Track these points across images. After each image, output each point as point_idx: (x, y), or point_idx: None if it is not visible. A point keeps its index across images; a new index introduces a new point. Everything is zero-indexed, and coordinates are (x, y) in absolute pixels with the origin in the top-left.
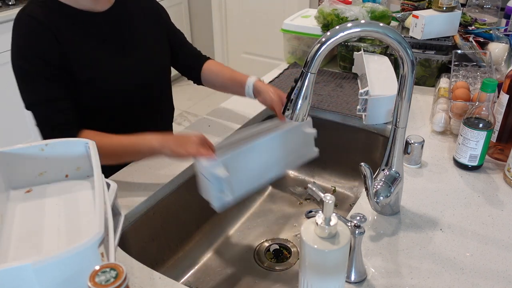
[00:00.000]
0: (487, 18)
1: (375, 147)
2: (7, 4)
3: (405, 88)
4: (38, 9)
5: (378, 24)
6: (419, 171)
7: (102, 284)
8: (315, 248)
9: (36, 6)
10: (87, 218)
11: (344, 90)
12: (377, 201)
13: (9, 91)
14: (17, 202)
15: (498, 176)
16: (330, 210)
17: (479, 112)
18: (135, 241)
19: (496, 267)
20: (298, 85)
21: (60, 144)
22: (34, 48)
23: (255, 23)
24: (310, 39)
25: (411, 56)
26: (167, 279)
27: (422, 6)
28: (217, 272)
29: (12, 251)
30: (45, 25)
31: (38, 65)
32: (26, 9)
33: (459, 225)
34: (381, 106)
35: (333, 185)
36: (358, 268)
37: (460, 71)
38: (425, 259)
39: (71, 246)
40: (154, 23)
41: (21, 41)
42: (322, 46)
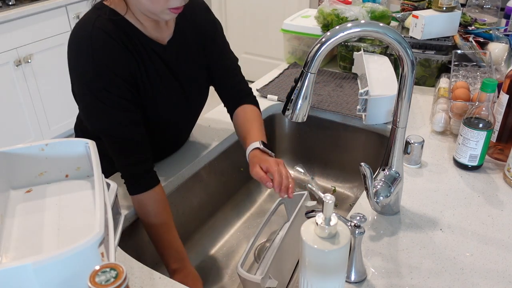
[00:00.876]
0: (487, 18)
1: (375, 147)
2: (7, 4)
3: (405, 88)
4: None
5: (378, 24)
6: (419, 171)
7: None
8: (315, 248)
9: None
10: (87, 218)
11: (344, 90)
12: (377, 201)
13: (9, 91)
14: (17, 202)
15: (498, 176)
16: (330, 210)
17: (479, 112)
18: (135, 241)
19: (496, 267)
20: (298, 85)
21: (60, 144)
22: (116, 66)
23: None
24: (310, 39)
25: (411, 56)
26: (167, 279)
27: (422, 6)
28: (217, 272)
29: (12, 251)
30: (121, 43)
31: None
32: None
33: (459, 225)
34: (381, 106)
35: (333, 185)
36: (358, 268)
37: (460, 71)
38: (425, 259)
39: (71, 246)
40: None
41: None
42: (322, 46)
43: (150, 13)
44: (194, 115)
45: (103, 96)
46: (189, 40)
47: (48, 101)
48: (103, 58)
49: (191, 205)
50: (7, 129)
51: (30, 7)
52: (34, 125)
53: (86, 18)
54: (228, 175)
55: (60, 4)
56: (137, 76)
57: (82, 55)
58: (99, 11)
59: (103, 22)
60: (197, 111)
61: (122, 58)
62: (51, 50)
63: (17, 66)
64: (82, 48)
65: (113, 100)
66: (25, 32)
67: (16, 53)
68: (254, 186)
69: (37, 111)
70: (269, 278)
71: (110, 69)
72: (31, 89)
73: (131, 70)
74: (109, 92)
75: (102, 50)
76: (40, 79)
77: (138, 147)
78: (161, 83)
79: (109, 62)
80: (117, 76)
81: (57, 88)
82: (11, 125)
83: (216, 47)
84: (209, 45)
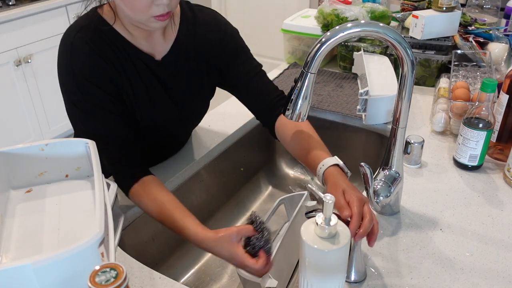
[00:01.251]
0: (487, 18)
1: (375, 147)
2: (7, 4)
3: (405, 88)
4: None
5: (378, 24)
6: (419, 171)
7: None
8: (315, 248)
9: (92, 31)
10: (87, 218)
11: (344, 90)
12: (377, 201)
13: (9, 91)
14: (17, 202)
15: (498, 176)
16: (330, 210)
17: (479, 112)
18: (135, 241)
19: (496, 267)
20: (298, 85)
21: (60, 144)
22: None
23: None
24: (310, 39)
25: (411, 56)
26: (167, 279)
27: (422, 6)
28: (217, 272)
29: (12, 251)
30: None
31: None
32: (79, 33)
33: (459, 225)
34: (381, 106)
35: None
36: (358, 268)
37: (460, 71)
38: (425, 259)
39: (71, 246)
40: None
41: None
42: (322, 46)
43: (137, 23)
44: (191, 127)
45: (82, 106)
46: (189, 58)
47: (48, 101)
48: (82, 69)
49: (191, 205)
50: (7, 129)
51: (30, 7)
52: (34, 125)
53: (73, 26)
54: (228, 175)
55: (60, 4)
56: (122, 88)
57: (63, 64)
58: (88, 20)
59: (86, 32)
60: (193, 123)
61: (102, 70)
62: (51, 50)
63: (17, 66)
64: (63, 58)
65: (92, 110)
66: (25, 32)
67: (16, 53)
68: (254, 186)
69: (37, 111)
70: (269, 278)
71: (89, 81)
72: (31, 89)
73: (114, 82)
74: (87, 102)
75: (80, 62)
76: (40, 79)
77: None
78: (149, 99)
79: (87, 74)
80: (96, 87)
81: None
82: (11, 125)
83: (229, 57)
84: (218, 58)
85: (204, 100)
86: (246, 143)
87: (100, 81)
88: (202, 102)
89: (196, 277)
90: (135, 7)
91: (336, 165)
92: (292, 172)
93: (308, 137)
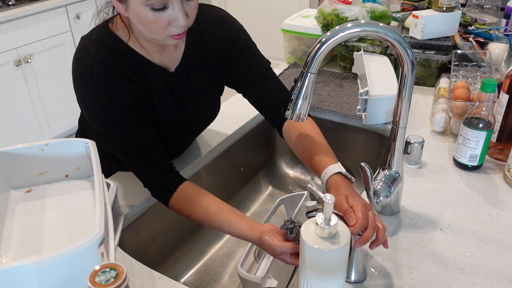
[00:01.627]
0: (487, 18)
1: (375, 147)
2: (7, 4)
3: (405, 88)
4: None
5: (378, 24)
6: (419, 171)
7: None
8: (315, 248)
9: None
10: (87, 218)
11: (344, 90)
12: (377, 201)
13: (9, 91)
14: (17, 202)
15: (498, 176)
16: (330, 210)
17: (479, 112)
18: (135, 241)
19: (496, 267)
20: (298, 85)
21: (60, 144)
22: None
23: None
24: (310, 39)
25: (411, 56)
26: (167, 279)
27: (422, 6)
28: (217, 272)
29: (12, 251)
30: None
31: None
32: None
33: (459, 225)
34: (381, 106)
35: None
36: (358, 268)
37: (460, 71)
38: (425, 259)
39: (71, 246)
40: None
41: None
42: (322, 46)
43: (153, 40)
44: (201, 130)
45: (109, 126)
46: (199, 63)
47: (48, 101)
48: (105, 92)
49: None
50: (7, 129)
51: (30, 7)
52: (34, 125)
53: (88, 44)
54: (228, 175)
55: (60, 4)
56: (143, 100)
57: (83, 86)
58: (103, 38)
59: (104, 53)
60: (204, 127)
61: (125, 89)
62: (51, 50)
63: (17, 66)
64: (84, 81)
65: (118, 128)
66: (25, 32)
67: (16, 53)
68: (254, 186)
69: (37, 111)
70: (269, 278)
71: (113, 101)
72: (31, 89)
73: (135, 96)
74: (113, 121)
75: (103, 84)
76: (40, 79)
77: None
78: (161, 109)
79: (110, 95)
80: (121, 106)
81: (57, 88)
82: (11, 125)
83: (235, 56)
84: (224, 57)
85: (216, 103)
86: (246, 143)
87: (123, 98)
88: (213, 105)
89: (196, 277)
90: (152, 29)
91: (339, 172)
92: (292, 172)
93: (313, 141)
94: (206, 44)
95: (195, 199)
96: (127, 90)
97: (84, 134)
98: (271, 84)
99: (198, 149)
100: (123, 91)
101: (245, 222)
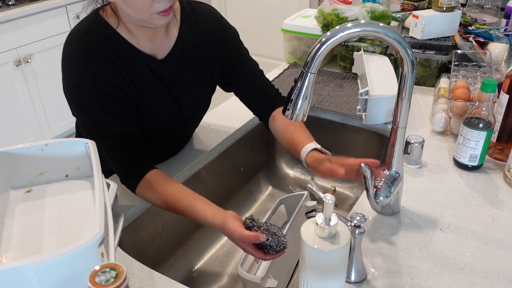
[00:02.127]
0: (487, 18)
1: (375, 147)
2: (7, 4)
3: (405, 88)
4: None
5: (378, 24)
6: (419, 171)
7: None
8: (315, 248)
9: (96, 36)
10: (87, 218)
11: (344, 90)
12: (377, 201)
13: (9, 91)
14: (17, 202)
15: (498, 176)
16: (330, 210)
17: (479, 112)
18: (135, 241)
19: (496, 267)
20: (298, 85)
21: (60, 144)
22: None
23: (255, 23)
24: (310, 39)
25: (411, 56)
26: (167, 279)
27: (422, 6)
28: (217, 272)
29: (12, 251)
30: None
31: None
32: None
33: (459, 225)
34: (381, 106)
35: (333, 185)
36: (358, 268)
37: (460, 71)
38: (425, 259)
39: (71, 246)
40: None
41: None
42: (322, 46)
43: (141, 22)
44: (193, 126)
45: (88, 112)
46: (192, 54)
47: (48, 101)
48: (86, 76)
49: None
50: (7, 129)
51: (30, 7)
52: (34, 125)
53: (76, 30)
54: (228, 175)
55: (60, 4)
56: (126, 91)
57: (68, 70)
58: (92, 23)
59: (91, 38)
60: (195, 122)
61: (107, 75)
62: (51, 50)
63: (17, 66)
64: (68, 64)
65: (98, 115)
66: (25, 32)
67: (16, 53)
68: (254, 186)
69: (37, 111)
70: (269, 278)
71: (94, 86)
72: (31, 89)
73: (119, 86)
74: (94, 108)
75: (84, 68)
76: (40, 79)
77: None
78: (152, 99)
79: (91, 80)
80: (101, 92)
81: (57, 88)
82: (11, 125)
83: (233, 55)
84: (223, 55)
85: (206, 97)
86: (246, 143)
87: (105, 86)
88: (204, 99)
89: (196, 277)
90: (137, 6)
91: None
92: (292, 172)
93: (294, 127)
94: (204, 39)
95: (161, 185)
96: (112, 78)
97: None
98: (262, 83)
99: (198, 149)
100: (107, 79)
101: (209, 208)
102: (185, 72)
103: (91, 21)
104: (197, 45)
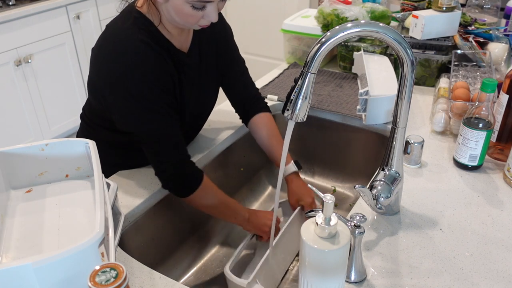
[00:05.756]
0: (487, 18)
1: (375, 147)
2: (7, 4)
3: (405, 88)
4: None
5: (378, 24)
6: (419, 171)
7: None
8: (315, 248)
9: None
10: (87, 218)
11: (344, 90)
12: (378, 207)
13: (9, 91)
14: (17, 202)
15: (498, 176)
16: (330, 210)
17: (479, 112)
18: (135, 241)
19: (496, 267)
20: (298, 85)
21: (60, 144)
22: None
23: (255, 23)
24: (310, 39)
25: (411, 56)
26: (167, 279)
27: (422, 6)
28: (217, 272)
29: (12, 251)
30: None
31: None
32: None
33: (459, 225)
34: (381, 106)
35: (333, 185)
36: (358, 268)
37: (460, 71)
38: (425, 259)
39: (71, 246)
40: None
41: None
42: (322, 46)
43: (181, 25)
44: (203, 120)
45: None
46: (205, 47)
47: (48, 101)
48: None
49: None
50: (7, 129)
51: (30, 7)
52: (34, 125)
53: (123, 26)
54: (228, 175)
55: (60, 4)
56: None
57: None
58: (138, 21)
59: (144, 35)
60: (205, 116)
61: (163, 70)
62: (51, 50)
63: (17, 66)
64: (127, 62)
65: (154, 108)
66: (25, 32)
67: (16, 53)
68: (254, 186)
69: (37, 111)
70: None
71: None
72: (31, 89)
73: (170, 80)
74: (150, 101)
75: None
76: (40, 79)
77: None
78: (189, 90)
79: (153, 76)
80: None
81: (57, 88)
82: (11, 125)
83: (229, 52)
84: (222, 51)
85: (215, 92)
86: (246, 143)
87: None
88: (213, 93)
89: (196, 277)
90: (187, 21)
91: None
92: None
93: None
94: (217, 33)
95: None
96: (164, 72)
97: (89, 130)
98: (248, 83)
99: (198, 149)
100: (162, 73)
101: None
102: (204, 65)
103: (135, 18)
104: (213, 39)
